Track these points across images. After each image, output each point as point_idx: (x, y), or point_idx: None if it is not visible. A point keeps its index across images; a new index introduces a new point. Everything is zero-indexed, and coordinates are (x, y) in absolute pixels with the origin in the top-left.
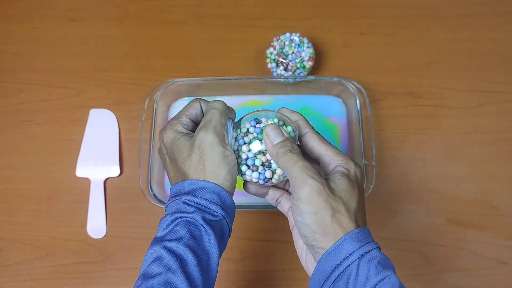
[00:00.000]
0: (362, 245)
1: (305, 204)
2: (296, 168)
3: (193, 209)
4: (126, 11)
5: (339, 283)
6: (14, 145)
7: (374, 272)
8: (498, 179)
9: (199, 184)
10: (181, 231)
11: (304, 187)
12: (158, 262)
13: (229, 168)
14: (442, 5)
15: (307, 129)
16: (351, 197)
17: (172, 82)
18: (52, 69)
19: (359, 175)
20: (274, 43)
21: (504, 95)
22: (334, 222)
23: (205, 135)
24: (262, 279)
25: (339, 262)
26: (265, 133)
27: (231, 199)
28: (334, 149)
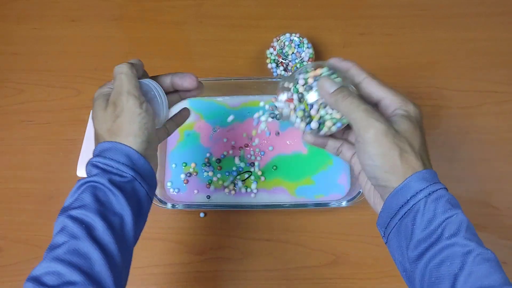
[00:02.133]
0: (429, 184)
1: (373, 147)
2: (359, 111)
3: (97, 171)
4: (126, 11)
5: (406, 220)
6: (15, 145)
7: (441, 210)
8: (497, 179)
9: (108, 145)
10: (86, 198)
11: (370, 129)
12: (62, 232)
13: (139, 125)
14: (441, 5)
15: (363, 75)
16: (414, 137)
17: None
18: (52, 69)
19: (419, 116)
20: (274, 44)
21: (504, 95)
22: (403, 161)
23: (120, 98)
24: (262, 279)
25: (406, 200)
26: (319, 85)
27: (145, 161)
28: (393, 91)
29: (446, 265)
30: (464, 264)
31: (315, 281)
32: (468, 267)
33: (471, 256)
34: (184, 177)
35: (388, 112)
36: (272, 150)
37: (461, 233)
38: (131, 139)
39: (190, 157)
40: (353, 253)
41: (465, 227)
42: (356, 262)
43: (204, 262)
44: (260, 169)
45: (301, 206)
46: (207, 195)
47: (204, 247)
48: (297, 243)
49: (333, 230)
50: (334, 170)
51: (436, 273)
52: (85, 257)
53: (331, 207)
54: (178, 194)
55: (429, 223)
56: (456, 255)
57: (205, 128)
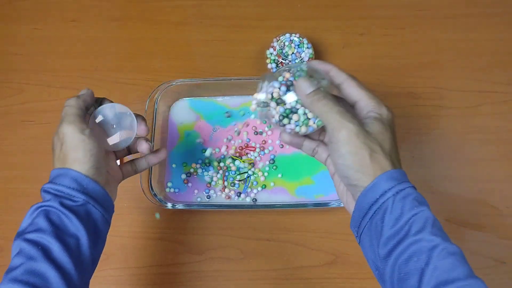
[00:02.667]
0: (397, 183)
1: (345, 146)
2: (332, 113)
3: (50, 197)
4: (126, 12)
5: (376, 218)
6: (15, 145)
7: (408, 208)
8: (497, 179)
9: (58, 172)
10: (40, 222)
11: (342, 130)
12: (19, 255)
13: (84, 151)
14: (441, 5)
15: (343, 76)
16: (384, 139)
17: (172, 82)
18: (53, 69)
19: (391, 119)
20: (274, 44)
21: (504, 95)
22: (372, 160)
23: (61, 127)
24: (262, 278)
25: (375, 199)
26: (296, 86)
27: (95, 184)
28: (369, 94)
29: (413, 261)
30: (430, 259)
31: (315, 281)
32: (434, 261)
33: (436, 250)
34: (184, 177)
35: (363, 113)
36: (272, 150)
37: (427, 229)
38: (77, 165)
39: (190, 157)
40: (353, 253)
41: (431, 223)
42: (356, 262)
43: (204, 262)
44: (260, 169)
45: (301, 206)
46: (207, 195)
47: (204, 247)
48: (297, 243)
49: (333, 230)
50: None
51: (405, 268)
52: (42, 277)
53: (331, 207)
54: (178, 193)
55: (397, 220)
56: (422, 251)
57: (205, 128)
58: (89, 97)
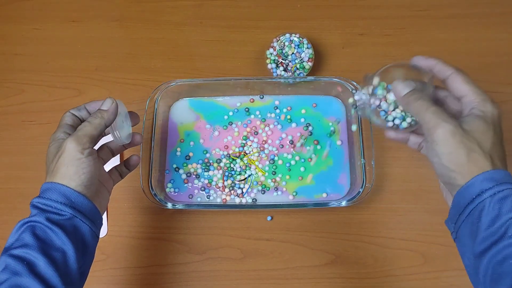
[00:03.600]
0: (496, 184)
1: (440, 146)
2: (428, 113)
3: (36, 211)
4: (127, 12)
5: (472, 217)
6: (16, 145)
7: (507, 209)
8: None
9: (47, 186)
10: (26, 237)
11: (438, 130)
12: (4, 270)
13: (76, 168)
14: (441, 5)
15: (449, 71)
16: (484, 137)
17: (172, 82)
18: (53, 69)
19: (496, 116)
20: (274, 44)
21: (504, 95)
22: (470, 160)
23: (67, 142)
24: (262, 278)
25: (471, 199)
26: (393, 88)
27: (84, 199)
28: (475, 89)
29: (508, 263)
30: None
31: (315, 281)
32: None
33: None
34: (184, 177)
35: (467, 110)
36: (272, 150)
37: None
38: (67, 180)
39: (190, 157)
40: (353, 253)
41: None
42: (355, 262)
43: (204, 262)
44: (260, 168)
45: (301, 206)
46: (207, 195)
47: (204, 247)
48: (297, 243)
49: (333, 230)
50: (334, 170)
51: (498, 269)
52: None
53: (331, 207)
54: (178, 193)
55: (493, 221)
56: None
57: (205, 128)
58: (112, 115)
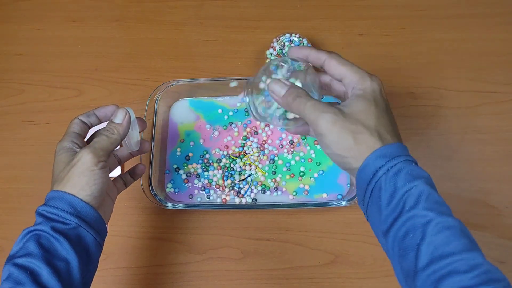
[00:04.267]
0: (388, 160)
1: (326, 137)
2: (306, 109)
3: (41, 220)
4: (127, 12)
5: (374, 197)
6: (16, 145)
7: (401, 184)
8: (496, 179)
9: (54, 194)
10: (30, 246)
11: (319, 122)
12: (8, 280)
13: (88, 179)
14: (440, 5)
15: (323, 56)
16: (367, 115)
17: (172, 82)
18: (53, 69)
19: (377, 90)
20: (274, 44)
21: (503, 95)
22: (357, 143)
23: (84, 153)
24: (262, 278)
25: (369, 180)
26: (270, 91)
27: (90, 208)
28: (352, 68)
29: (409, 237)
30: (425, 235)
31: (315, 281)
32: (428, 237)
33: (430, 226)
34: (184, 177)
35: (349, 91)
36: (272, 150)
37: (421, 204)
38: (76, 190)
39: (190, 157)
40: (353, 253)
41: (425, 198)
42: (355, 262)
43: (204, 262)
44: (260, 168)
45: (301, 206)
46: (207, 195)
47: (204, 247)
48: (297, 243)
49: (333, 230)
50: (334, 170)
51: (402, 245)
52: None
53: (331, 207)
54: (178, 193)
55: (390, 198)
56: (417, 226)
57: (205, 128)
58: (127, 129)
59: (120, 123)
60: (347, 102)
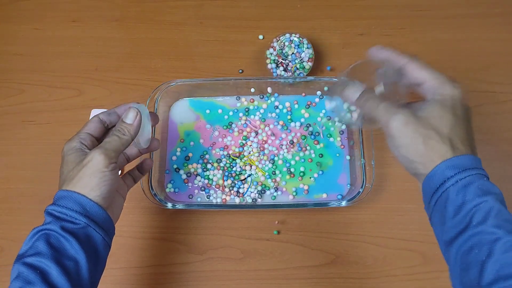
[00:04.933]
0: (458, 171)
1: (396, 138)
2: (378, 110)
3: (50, 219)
4: (127, 12)
5: (439, 206)
6: (16, 145)
7: (470, 197)
8: (497, 179)
9: (63, 193)
10: (40, 245)
11: (390, 123)
12: (18, 278)
13: (98, 180)
14: (441, 5)
15: (404, 60)
16: (442, 121)
17: (172, 82)
18: (53, 69)
19: (457, 97)
20: (274, 44)
21: (503, 95)
22: (427, 148)
23: (95, 154)
24: (262, 278)
25: (436, 188)
26: (345, 97)
27: (99, 208)
28: (433, 73)
29: (474, 253)
30: (492, 252)
31: (315, 281)
32: (496, 254)
33: (499, 244)
34: (184, 177)
35: (429, 96)
36: (272, 150)
37: (489, 220)
38: (86, 191)
39: (190, 157)
40: (353, 253)
41: (494, 214)
42: (355, 262)
43: (204, 262)
44: (260, 169)
45: (301, 206)
46: (207, 195)
47: (204, 247)
48: (297, 243)
49: (333, 230)
50: (334, 170)
51: (466, 259)
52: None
53: (331, 207)
54: (178, 193)
55: (457, 210)
56: (483, 243)
57: (205, 128)
58: (137, 129)
59: (131, 124)
60: (423, 105)
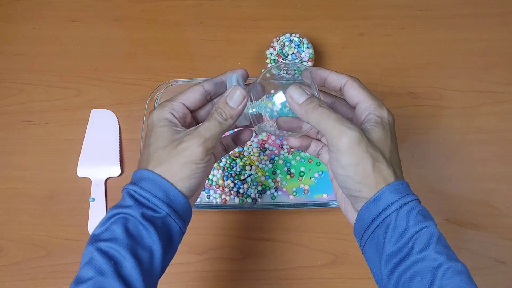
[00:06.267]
0: (401, 196)
1: (346, 156)
2: (330, 121)
3: (132, 202)
4: (126, 11)
5: (378, 232)
6: (15, 145)
7: (412, 223)
8: (497, 179)
9: (148, 175)
10: (117, 230)
11: (343, 138)
12: (90, 265)
13: (191, 173)
14: (440, 5)
15: (344, 79)
16: (385, 145)
17: (172, 82)
18: (53, 69)
19: (392, 123)
20: (274, 44)
21: (503, 95)
22: (375, 171)
23: (193, 145)
24: (262, 279)
25: (378, 213)
26: (288, 95)
27: (182, 198)
28: (370, 95)
29: (417, 280)
30: (434, 279)
31: (315, 281)
32: (438, 281)
33: (441, 270)
34: None
35: (363, 116)
36: (272, 150)
37: (432, 246)
38: (175, 180)
39: None
40: (353, 253)
41: (436, 240)
42: (356, 262)
43: (204, 262)
44: (260, 168)
45: (301, 206)
46: (207, 195)
47: (204, 247)
48: (297, 243)
49: (333, 230)
50: None
51: (408, 287)
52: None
53: (331, 207)
54: None
55: (400, 236)
56: (427, 270)
57: None
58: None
59: (235, 108)
60: (365, 126)
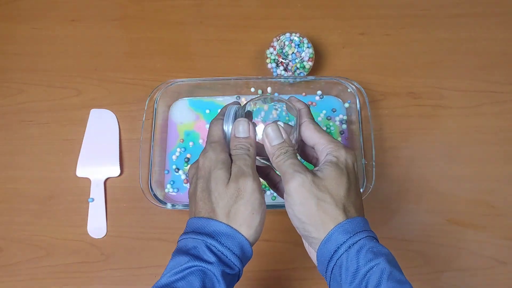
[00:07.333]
0: (350, 236)
1: (291, 197)
2: (284, 165)
3: (214, 259)
4: (126, 11)
5: (335, 273)
6: (15, 145)
7: (363, 262)
8: (497, 179)
9: (225, 229)
10: (195, 283)
11: (290, 181)
12: None
13: (261, 218)
14: (441, 5)
15: (305, 119)
16: (338, 185)
17: (172, 82)
18: (52, 69)
19: (350, 162)
20: (274, 43)
21: (503, 95)
22: (320, 211)
23: (253, 187)
24: (262, 278)
25: (330, 255)
26: (265, 133)
27: (251, 252)
28: (328, 137)
29: None
30: None
31: (315, 281)
32: None
33: None
34: (184, 177)
35: (322, 156)
36: None
37: (383, 284)
38: (245, 228)
39: (190, 157)
40: None
41: (387, 277)
42: None
43: None
44: None
45: None
46: None
47: None
48: (297, 243)
49: None
50: None
51: None
52: None
53: None
54: (178, 194)
55: (353, 277)
56: None
57: (205, 128)
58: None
59: (248, 136)
60: (320, 167)
